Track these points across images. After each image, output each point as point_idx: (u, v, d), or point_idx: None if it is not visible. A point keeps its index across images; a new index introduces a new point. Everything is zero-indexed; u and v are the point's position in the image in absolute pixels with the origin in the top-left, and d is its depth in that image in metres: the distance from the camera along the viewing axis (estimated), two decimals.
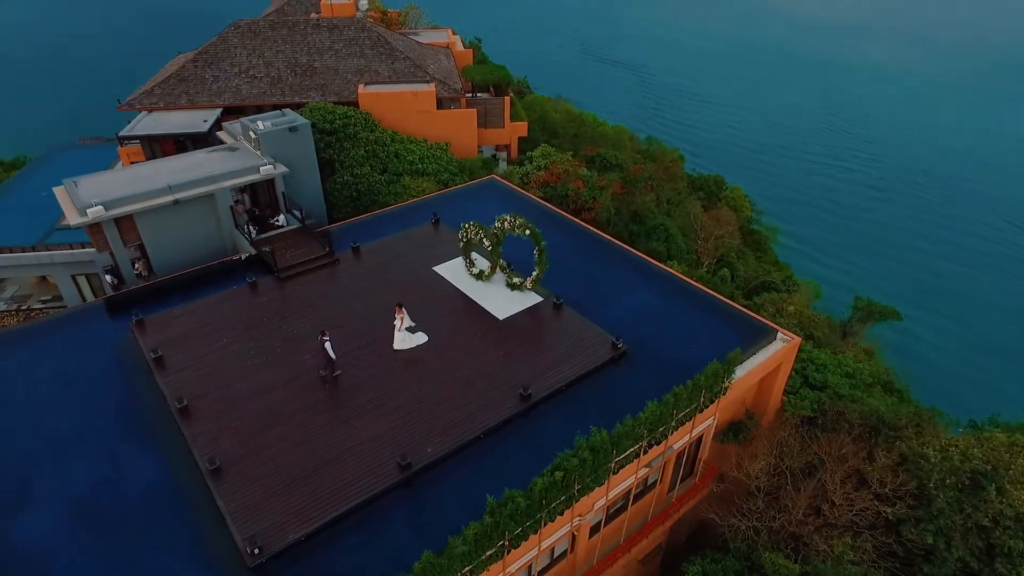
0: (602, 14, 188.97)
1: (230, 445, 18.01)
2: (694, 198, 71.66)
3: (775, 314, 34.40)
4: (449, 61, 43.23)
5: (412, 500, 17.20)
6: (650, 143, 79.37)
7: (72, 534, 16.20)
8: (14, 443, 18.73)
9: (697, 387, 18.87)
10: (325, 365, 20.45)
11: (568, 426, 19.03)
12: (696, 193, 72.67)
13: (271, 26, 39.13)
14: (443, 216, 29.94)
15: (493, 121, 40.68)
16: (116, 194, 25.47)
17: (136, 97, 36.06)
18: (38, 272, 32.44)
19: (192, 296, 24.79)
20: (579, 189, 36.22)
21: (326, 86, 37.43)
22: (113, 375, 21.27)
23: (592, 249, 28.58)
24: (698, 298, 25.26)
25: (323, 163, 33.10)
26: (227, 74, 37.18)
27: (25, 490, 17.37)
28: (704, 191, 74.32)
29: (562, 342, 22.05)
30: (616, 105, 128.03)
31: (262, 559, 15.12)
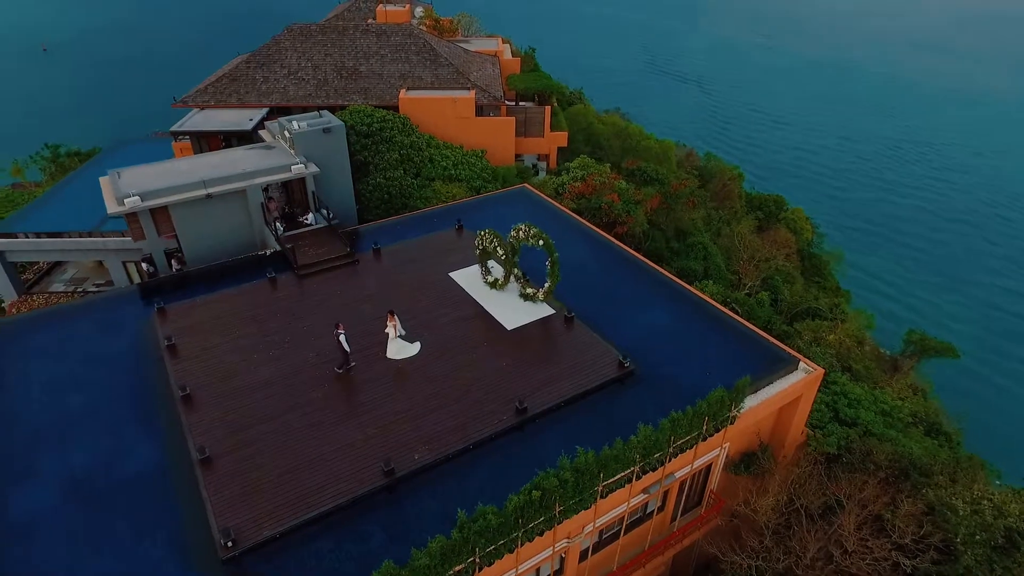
0: (673, 29, 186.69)
1: (223, 436, 18.30)
2: (751, 218, 69.61)
3: (811, 343, 32.69)
4: (494, 69, 43.33)
5: (393, 507, 16.99)
6: (709, 160, 77.62)
7: (63, 509, 16.73)
8: (31, 416, 19.60)
9: (698, 414, 17.98)
10: (340, 358, 20.63)
11: (564, 444, 18.40)
12: (754, 213, 70.56)
13: (322, 30, 40.22)
14: (470, 223, 29.85)
15: (533, 130, 40.47)
16: (153, 186, 26.54)
17: (191, 95, 37.67)
18: (93, 257, 34.11)
19: (217, 288, 25.51)
20: (613, 202, 35.52)
21: (369, 90, 38.11)
22: (131, 359, 22.05)
23: (616, 264, 27.88)
24: (719, 321, 24.20)
25: (358, 165, 33.64)
26: (276, 75, 38.39)
27: (30, 462, 18.11)
28: (762, 211, 72.01)
29: (567, 357, 21.49)
30: (680, 121, 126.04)
31: (234, 552, 15.20)
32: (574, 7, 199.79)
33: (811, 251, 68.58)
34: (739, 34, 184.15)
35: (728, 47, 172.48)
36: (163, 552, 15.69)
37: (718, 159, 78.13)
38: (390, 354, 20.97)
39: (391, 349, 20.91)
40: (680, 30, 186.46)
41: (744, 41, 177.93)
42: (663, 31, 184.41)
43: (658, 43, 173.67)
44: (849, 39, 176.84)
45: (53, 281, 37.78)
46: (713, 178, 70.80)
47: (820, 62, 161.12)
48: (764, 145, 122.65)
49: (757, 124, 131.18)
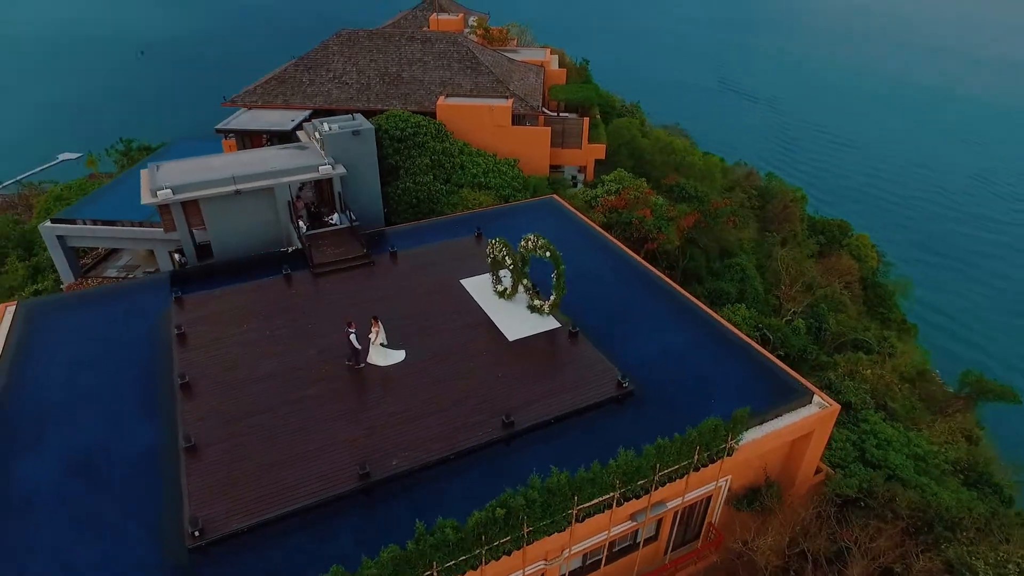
0: (747, 45, 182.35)
1: (214, 426, 18.64)
2: (811, 242, 66.92)
3: (845, 376, 30.79)
4: (537, 79, 43.18)
5: (367, 511, 16.84)
6: (770, 180, 75.19)
7: (58, 484, 17.34)
8: (48, 392, 20.49)
9: (688, 442, 17.07)
10: (350, 356, 20.77)
11: (551, 461, 17.79)
12: (815, 237, 67.86)
13: (369, 36, 41.09)
14: (492, 231, 29.62)
15: (570, 141, 40.03)
16: (186, 180, 27.57)
17: (240, 95, 39.13)
18: (143, 246, 35.73)
19: (239, 280, 26.20)
20: (645, 218, 34.61)
21: (409, 95, 38.61)
22: (147, 344, 22.81)
23: (635, 281, 27.06)
24: (734, 347, 23.06)
25: (389, 168, 34.05)
26: (322, 79, 39.42)
27: (39, 436, 18.90)
28: (825, 235, 69.21)
29: (565, 372, 20.91)
30: (744, 140, 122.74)
31: (201, 542, 15.37)
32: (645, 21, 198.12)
33: (875, 280, 65.22)
34: (817, 52, 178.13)
35: (805, 66, 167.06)
36: (139, 535, 16.03)
37: (780, 180, 75.57)
38: (372, 360, 20.84)
39: (374, 355, 20.81)
40: (755, 47, 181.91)
41: (823, 60, 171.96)
42: (736, 47, 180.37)
43: (730, 59, 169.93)
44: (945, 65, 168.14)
45: (109, 267, 39.80)
46: (773, 199, 68.52)
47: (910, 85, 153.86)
48: (833, 168, 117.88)
49: (826, 146, 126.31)
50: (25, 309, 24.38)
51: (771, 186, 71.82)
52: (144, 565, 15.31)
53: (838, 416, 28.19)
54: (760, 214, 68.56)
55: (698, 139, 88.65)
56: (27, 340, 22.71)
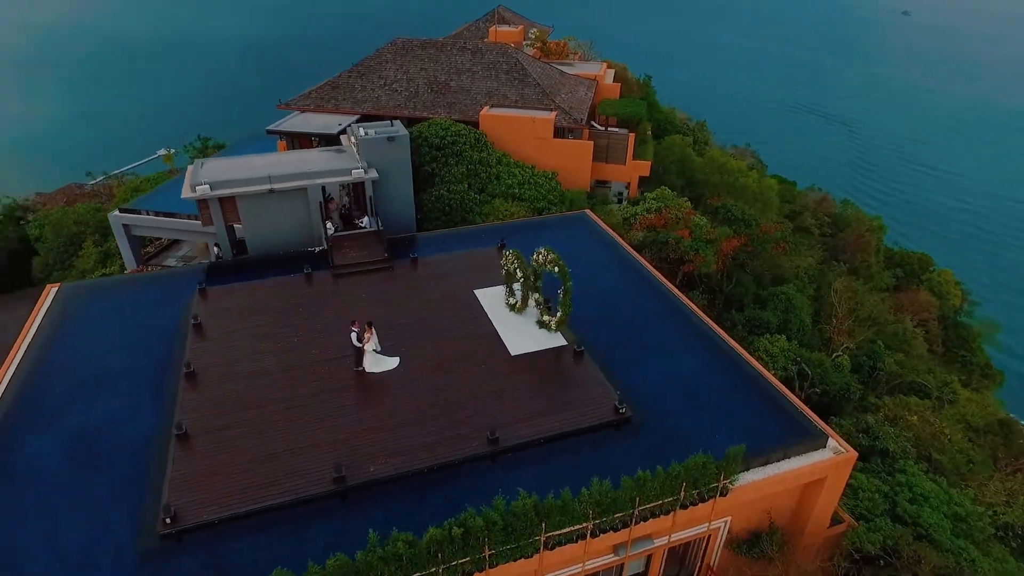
0: (825, 65, 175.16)
1: (207, 417, 19.07)
2: (887, 275, 63.30)
3: (885, 420, 28.50)
4: (587, 93, 42.65)
5: (343, 515, 16.77)
6: (845, 207, 71.75)
7: (60, 460, 18.14)
8: (71, 372, 21.57)
9: (672, 477, 16.10)
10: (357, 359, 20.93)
11: (535, 483, 17.31)
12: (892, 270, 64.14)
13: (422, 45, 41.79)
14: (518, 243, 29.19)
15: (614, 157, 39.24)
16: (224, 177, 28.65)
17: (295, 99, 40.57)
18: (198, 239, 37.59)
19: (266, 276, 26.95)
20: (682, 238, 33.37)
21: (455, 104, 38.92)
22: (168, 332, 23.68)
23: (655, 303, 26.04)
24: (749, 380, 21.74)
25: (426, 175, 34.35)
26: (373, 85, 40.34)
27: (54, 413, 19.89)
28: (903, 268, 65.31)
29: (561, 392, 20.25)
30: (818, 163, 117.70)
31: (171, 530, 15.66)
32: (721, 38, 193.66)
33: (957, 320, 60.84)
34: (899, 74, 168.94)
35: (890, 89, 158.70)
36: (120, 517, 16.48)
37: (856, 207, 71.99)
38: (365, 366, 20.79)
39: (368, 361, 20.75)
40: (834, 67, 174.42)
41: (909, 83, 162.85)
42: (813, 66, 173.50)
43: (810, 80, 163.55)
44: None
45: (169, 256, 42.03)
46: (847, 227, 65.30)
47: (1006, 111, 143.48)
48: (917, 198, 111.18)
49: (911, 174, 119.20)
50: (65, 291, 25.88)
51: (846, 213, 68.43)
52: (119, 546, 15.71)
53: (871, 464, 26.37)
54: (831, 242, 65.29)
55: (770, 161, 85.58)
56: (61, 321, 24.06)
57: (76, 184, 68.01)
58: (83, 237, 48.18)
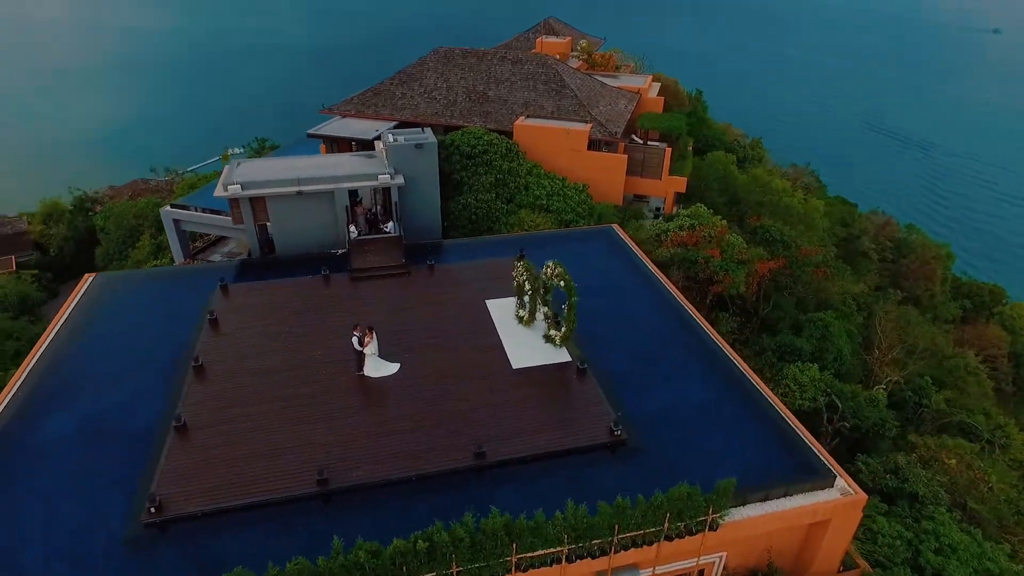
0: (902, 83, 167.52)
1: (207, 410, 19.55)
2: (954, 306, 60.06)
3: (918, 461, 26.66)
4: (627, 106, 42.02)
5: (324, 517, 16.83)
6: (910, 232, 68.51)
7: (68, 442, 18.91)
8: (88, 360, 22.52)
9: (654, 508, 15.44)
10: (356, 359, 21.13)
11: (520, 501, 17.02)
12: (959, 301, 60.81)
13: (463, 54, 42.14)
14: (537, 255, 28.88)
15: (650, 172, 38.47)
16: (256, 177, 29.53)
17: (338, 105, 41.57)
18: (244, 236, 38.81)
19: (290, 275, 27.57)
20: (712, 257, 32.30)
21: (491, 114, 39.02)
22: (189, 325, 24.45)
23: (674, 325, 25.22)
24: (761, 410, 20.76)
25: (455, 183, 34.51)
26: (413, 93, 40.92)
27: (72, 396, 20.81)
28: (971, 300, 61.85)
29: (557, 410, 19.82)
30: (886, 186, 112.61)
31: (155, 519, 16.06)
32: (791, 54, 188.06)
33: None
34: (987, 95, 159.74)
35: (970, 111, 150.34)
36: (113, 501, 16.99)
37: (922, 233, 68.57)
38: (367, 371, 20.86)
39: (368, 366, 20.82)
40: (915, 86, 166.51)
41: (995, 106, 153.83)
42: (892, 85, 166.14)
43: (884, 98, 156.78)
44: None
45: (215, 252, 43.60)
46: (910, 253, 62.29)
47: None
48: (993, 227, 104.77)
49: (989, 202, 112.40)
50: (99, 281, 27.15)
51: (910, 239, 65.29)
52: (110, 530, 16.18)
53: (897, 507, 24.70)
54: (892, 268, 62.27)
55: (831, 181, 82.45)
56: (90, 309, 25.21)
57: (142, 180, 71.71)
58: (141, 230, 50.57)
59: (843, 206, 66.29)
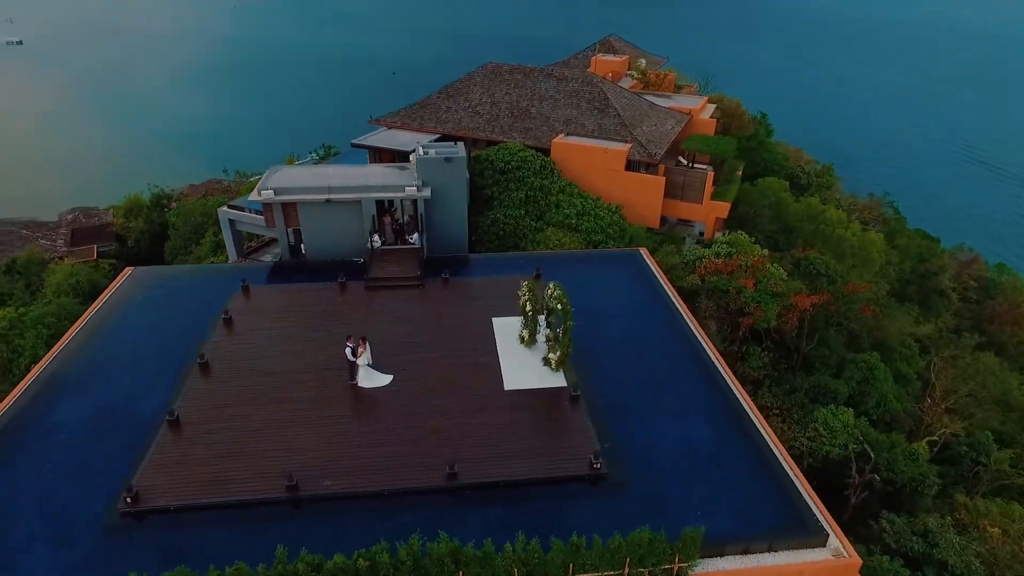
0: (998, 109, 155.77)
1: (202, 407, 20.20)
2: None
3: (954, 526, 24.30)
4: (675, 127, 40.96)
5: (293, 523, 17.01)
6: (999, 272, 63.81)
7: (75, 426, 19.95)
8: (108, 350, 23.71)
9: (611, 551, 14.68)
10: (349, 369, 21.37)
11: (486, 527, 16.73)
12: None
13: (511, 70, 42.33)
14: (556, 275, 28.38)
15: (690, 195, 37.26)
16: (290, 184, 30.54)
17: (385, 116, 42.60)
18: None
19: (314, 280, 28.25)
20: (745, 288, 30.80)
21: (531, 130, 38.94)
22: (208, 322, 25.48)
23: (685, 358, 24.11)
24: (761, 455, 19.52)
25: (486, 198, 34.57)
26: (458, 107, 41.42)
27: (85, 384, 22.03)
28: None
29: (540, 436, 19.31)
30: (979, 220, 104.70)
31: (129, 509, 16.66)
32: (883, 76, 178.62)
33: None
34: None
35: None
36: (103, 487, 17.67)
37: (1014, 274, 63.65)
38: (359, 381, 20.96)
39: (361, 376, 20.92)
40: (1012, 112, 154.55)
41: None
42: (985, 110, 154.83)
43: (977, 124, 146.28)
44: None
45: (266, 252, 45.47)
46: (997, 295, 57.92)
47: None
48: None
49: None
50: (136, 275, 28.72)
51: (999, 280, 60.67)
52: (90, 515, 16.90)
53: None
54: (975, 310, 57.95)
55: (913, 213, 77.67)
56: (122, 302, 26.67)
57: (216, 180, 75.81)
58: (205, 228, 53.30)
59: (922, 240, 62.18)
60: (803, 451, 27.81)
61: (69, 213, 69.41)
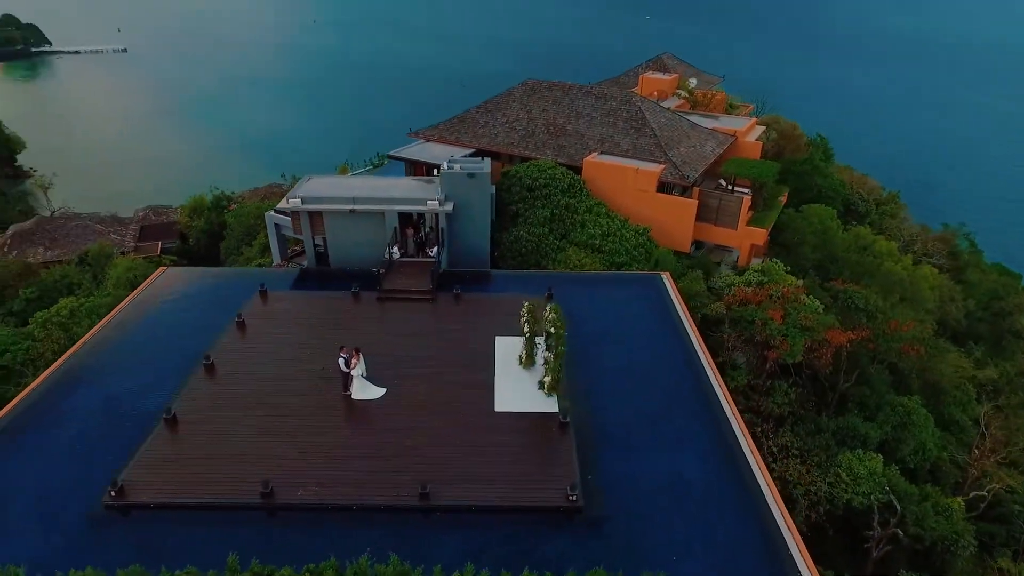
0: None
1: (199, 407, 20.86)
2: None
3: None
4: (716, 149, 39.77)
5: (266, 529, 17.29)
6: None
7: (84, 416, 21.00)
8: (127, 345, 24.91)
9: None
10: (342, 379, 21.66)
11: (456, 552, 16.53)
12: None
13: (550, 87, 42.22)
14: (575, 296, 28.21)
15: (725, 220, 35.99)
16: (317, 193, 31.41)
17: (425, 130, 43.25)
18: None
19: (334, 287, 28.80)
20: (771, 319, 29.36)
21: (565, 148, 38.64)
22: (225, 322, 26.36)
23: (689, 391, 23.18)
24: (751, 499, 18.47)
25: (512, 214, 34.49)
26: (496, 122, 41.61)
27: (101, 376, 23.15)
28: None
29: (520, 462, 18.94)
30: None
31: (113, 503, 17.32)
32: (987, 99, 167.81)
33: None
34: None
35: None
36: (96, 477, 18.39)
37: None
38: (353, 393, 21.12)
39: (355, 387, 21.07)
40: None
41: None
42: None
43: None
44: None
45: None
46: None
47: None
48: None
49: None
50: (169, 274, 30.12)
51: None
52: (80, 504, 17.66)
53: None
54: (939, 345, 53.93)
55: (997, 248, 72.87)
56: (149, 299, 27.98)
57: (275, 184, 78.87)
58: (257, 230, 55.45)
59: (999, 276, 58.04)
60: (820, 496, 26.15)
61: (142, 211, 73.75)
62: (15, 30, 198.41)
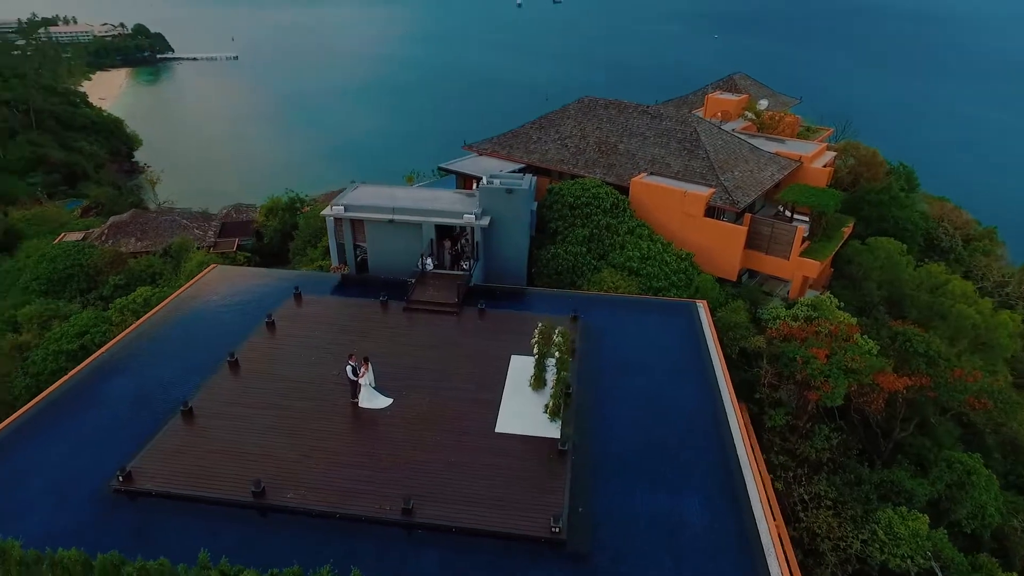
0: None
1: (216, 402, 21.78)
2: None
3: None
4: (775, 175, 37.92)
5: (257, 527, 17.81)
6: None
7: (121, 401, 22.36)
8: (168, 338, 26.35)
9: None
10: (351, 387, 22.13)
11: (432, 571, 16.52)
12: None
13: (605, 105, 41.64)
14: (603, 320, 27.64)
15: (776, 250, 34.15)
16: (360, 202, 32.26)
17: (478, 143, 43.69)
18: None
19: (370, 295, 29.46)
20: (814, 358, 27.50)
21: (614, 167, 37.95)
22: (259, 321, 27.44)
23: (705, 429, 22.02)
24: (755, 552, 17.32)
25: (552, 232, 34.18)
26: (548, 138, 41.46)
27: (138, 364, 24.60)
28: None
29: (509, 487, 18.54)
30: None
31: (120, 488, 18.31)
32: None
33: None
34: None
35: None
36: (108, 460, 19.55)
37: None
38: (361, 401, 21.39)
39: (363, 396, 21.33)
40: None
41: None
42: None
43: None
44: None
45: None
46: None
47: None
48: None
49: None
50: (218, 271, 31.73)
51: None
52: (91, 485, 18.78)
53: None
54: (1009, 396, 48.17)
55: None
56: (197, 294, 29.56)
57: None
58: (323, 232, 57.71)
59: None
60: (851, 554, 24.14)
61: (227, 208, 78.41)
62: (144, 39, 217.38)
